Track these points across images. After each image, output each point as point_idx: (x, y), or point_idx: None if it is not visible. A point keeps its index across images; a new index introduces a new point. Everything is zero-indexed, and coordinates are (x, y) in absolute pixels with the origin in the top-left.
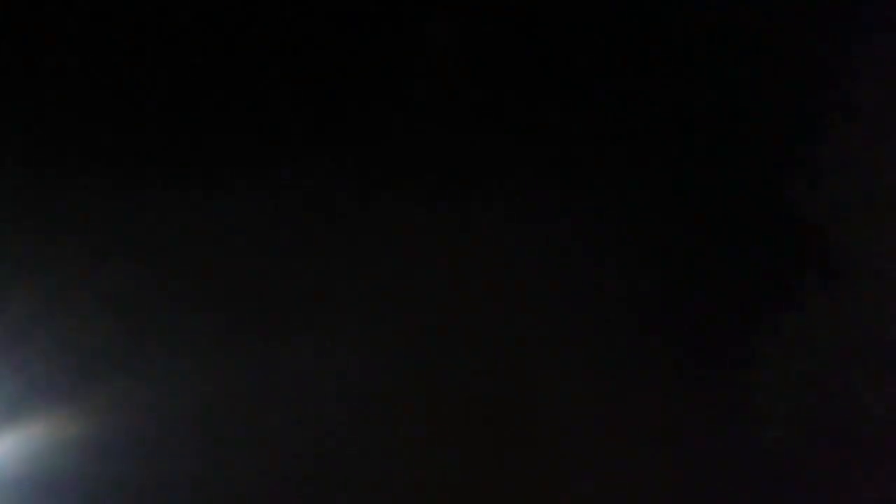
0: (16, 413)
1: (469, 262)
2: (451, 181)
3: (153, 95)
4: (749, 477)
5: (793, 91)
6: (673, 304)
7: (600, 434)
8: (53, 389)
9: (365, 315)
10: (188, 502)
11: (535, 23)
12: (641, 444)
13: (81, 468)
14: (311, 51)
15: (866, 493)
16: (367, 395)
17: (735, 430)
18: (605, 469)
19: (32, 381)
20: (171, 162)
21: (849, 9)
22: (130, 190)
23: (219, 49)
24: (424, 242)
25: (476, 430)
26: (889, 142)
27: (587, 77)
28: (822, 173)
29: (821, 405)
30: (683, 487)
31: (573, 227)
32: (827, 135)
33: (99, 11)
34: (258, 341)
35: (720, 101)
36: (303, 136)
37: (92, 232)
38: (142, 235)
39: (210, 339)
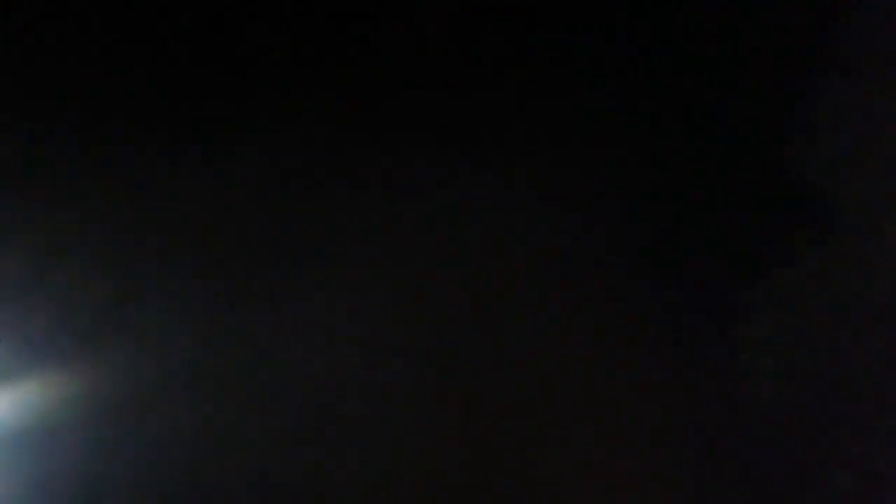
0: (12, 373)
1: (463, 220)
2: (451, 138)
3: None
4: (738, 432)
5: (792, 47)
6: (665, 258)
7: (588, 386)
8: (50, 349)
9: (358, 274)
10: (185, 460)
11: None
12: (630, 398)
13: (77, 427)
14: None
15: (855, 448)
16: (362, 352)
17: (725, 384)
18: (592, 420)
19: (29, 341)
20: (164, 125)
21: None
22: (124, 152)
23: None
24: (419, 202)
25: (468, 373)
26: (887, 100)
27: (580, 33)
28: (820, 130)
29: (811, 361)
30: (672, 441)
31: (565, 177)
32: (826, 92)
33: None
34: (254, 301)
35: (718, 57)
36: (294, 92)
37: (86, 193)
38: (135, 198)
39: (205, 299)
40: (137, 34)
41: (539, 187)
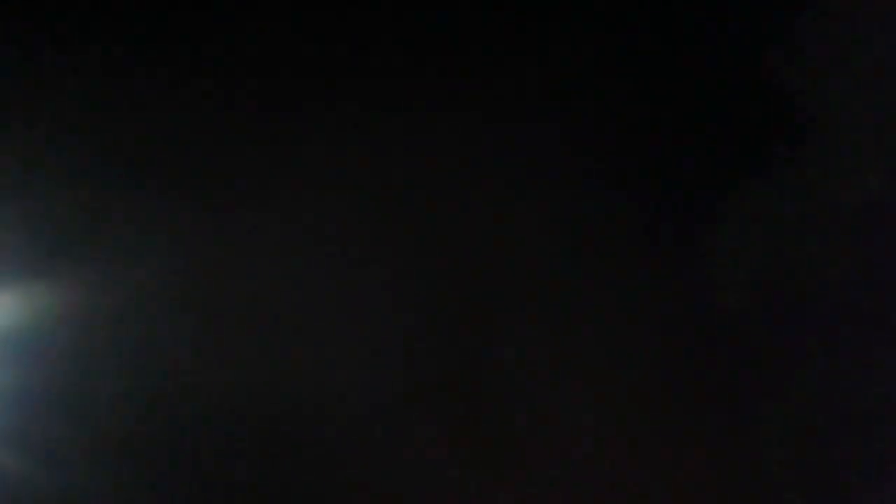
0: None
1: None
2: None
3: None
4: (705, 341)
5: None
6: (635, 167)
7: (555, 295)
8: (25, 262)
9: (341, 183)
10: (164, 369)
11: None
12: (596, 305)
13: (54, 340)
14: None
15: (821, 359)
16: (343, 261)
17: (692, 295)
18: (565, 322)
19: (4, 253)
20: (143, 40)
21: None
22: (102, 61)
23: None
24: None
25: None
26: (868, 14)
27: None
28: (799, 42)
29: (779, 273)
30: (637, 349)
31: (535, 84)
32: (807, 3)
33: None
34: (233, 212)
35: None
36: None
37: (62, 105)
38: (111, 107)
39: (183, 209)
40: None
41: (509, 96)
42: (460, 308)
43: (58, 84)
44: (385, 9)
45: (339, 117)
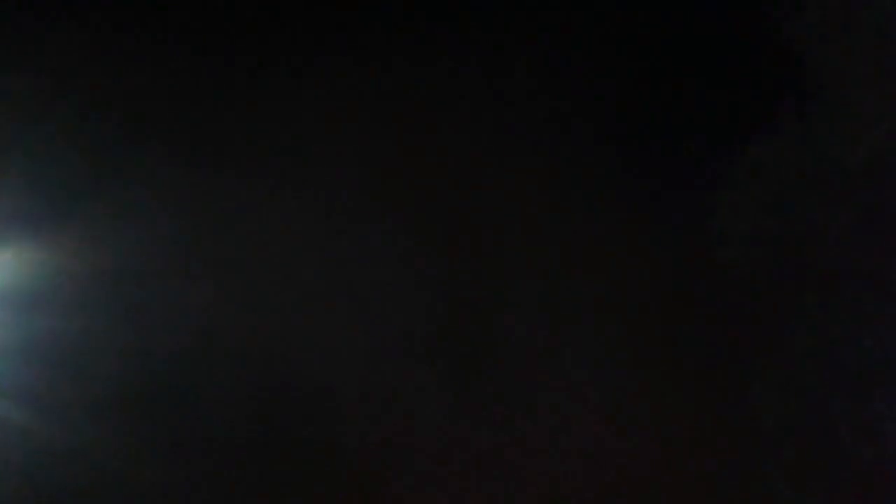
0: None
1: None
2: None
3: None
4: (704, 293)
5: None
6: (643, 123)
7: (563, 240)
8: (26, 220)
9: (340, 142)
10: (164, 326)
11: None
12: (599, 254)
13: (55, 295)
14: None
15: (818, 314)
16: (338, 219)
17: (692, 246)
18: (568, 271)
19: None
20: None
21: None
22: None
23: None
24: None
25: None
26: None
27: None
28: None
29: (779, 228)
30: (638, 301)
31: (543, 36)
32: None
33: None
34: (232, 171)
35: None
36: None
37: (64, 60)
38: (110, 70)
39: (185, 168)
40: None
41: (518, 45)
42: (464, 263)
43: (58, 41)
44: None
45: (340, 70)
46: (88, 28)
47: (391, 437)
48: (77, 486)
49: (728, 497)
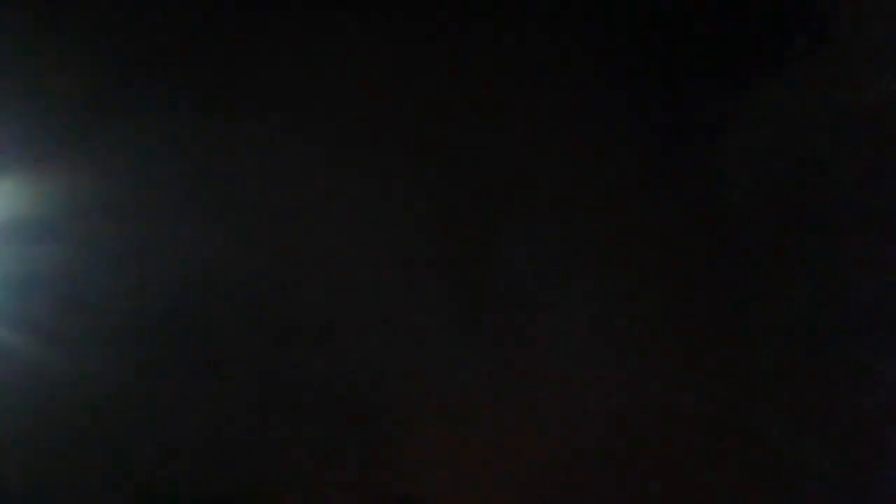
0: None
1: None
2: None
3: None
4: (706, 234)
5: None
6: (650, 67)
7: (578, 192)
8: (27, 151)
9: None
10: (164, 257)
11: None
12: (605, 196)
13: (56, 226)
14: None
15: (821, 257)
16: (356, 159)
17: (696, 188)
18: (572, 215)
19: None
20: None
21: None
22: None
23: None
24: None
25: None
26: None
27: None
28: None
29: (787, 172)
30: (642, 240)
31: None
32: None
33: None
34: (240, 109)
35: None
36: None
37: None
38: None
39: (186, 107)
40: None
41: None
42: (468, 198)
43: None
44: None
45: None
46: None
47: (394, 368)
48: (76, 415)
49: (722, 439)
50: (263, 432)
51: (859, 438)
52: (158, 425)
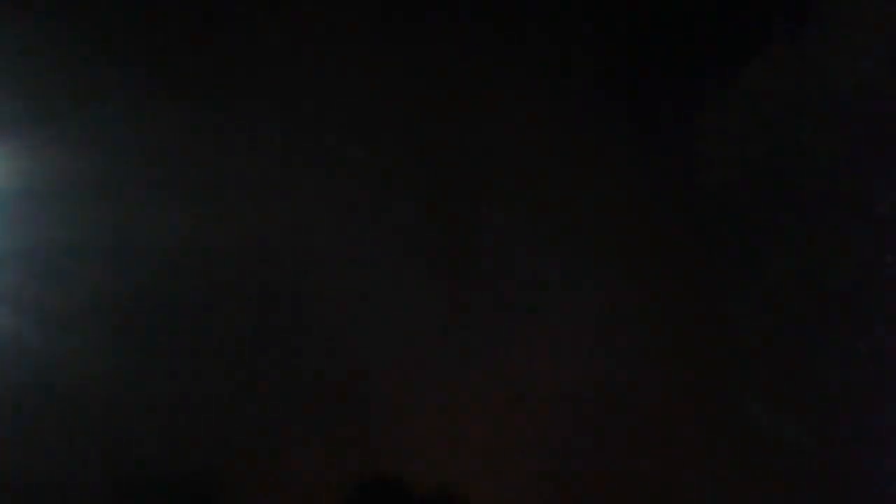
0: None
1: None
2: None
3: None
4: (688, 214)
5: None
6: (630, 43)
7: (562, 170)
8: (18, 126)
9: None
10: (154, 234)
11: None
12: (587, 173)
13: (46, 203)
14: None
15: (804, 236)
16: (342, 138)
17: (678, 168)
18: (554, 193)
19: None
20: None
21: None
22: None
23: None
24: None
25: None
26: None
27: None
28: None
29: (766, 152)
30: (622, 225)
31: None
32: None
33: None
34: (232, 85)
35: None
36: None
37: None
38: None
39: (177, 83)
40: None
41: None
42: (456, 188)
43: None
44: None
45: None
46: None
47: (380, 353)
48: (61, 390)
49: (702, 415)
50: (244, 412)
51: (838, 415)
52: (141, 403)
